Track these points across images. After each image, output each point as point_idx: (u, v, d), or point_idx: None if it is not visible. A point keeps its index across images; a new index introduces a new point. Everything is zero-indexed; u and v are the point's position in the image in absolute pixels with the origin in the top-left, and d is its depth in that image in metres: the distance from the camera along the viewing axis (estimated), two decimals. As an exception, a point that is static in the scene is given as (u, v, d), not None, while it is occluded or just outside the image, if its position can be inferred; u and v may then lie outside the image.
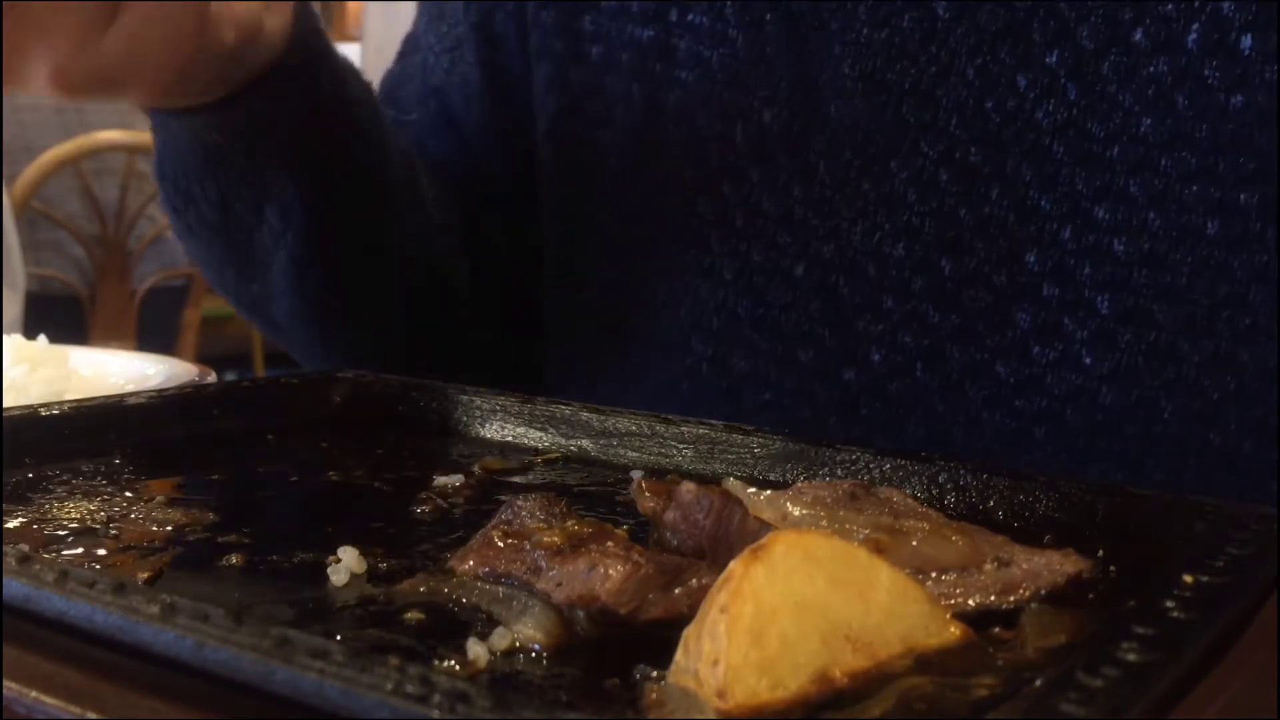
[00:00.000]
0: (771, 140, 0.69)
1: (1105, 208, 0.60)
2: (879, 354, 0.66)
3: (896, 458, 0.58)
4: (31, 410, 0.62)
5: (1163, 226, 0.59)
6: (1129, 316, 0.60)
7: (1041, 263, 0.61)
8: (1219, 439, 0.60)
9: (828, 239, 0.67)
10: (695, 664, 0.35)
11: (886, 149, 0.66)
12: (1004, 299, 0.63)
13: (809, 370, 0.69)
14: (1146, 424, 0.60)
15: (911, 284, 0.65)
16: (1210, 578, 0.40)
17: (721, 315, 0.71)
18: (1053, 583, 0.44)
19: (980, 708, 0.35)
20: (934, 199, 0.64)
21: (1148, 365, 0.60)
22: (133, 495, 0.56)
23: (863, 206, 0.67)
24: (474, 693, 0.31)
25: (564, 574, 0.43)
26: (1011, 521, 0.53)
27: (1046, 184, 0.61)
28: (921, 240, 0.65)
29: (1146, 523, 0.50)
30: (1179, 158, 0.59)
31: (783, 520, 0.48)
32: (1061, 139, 0.61)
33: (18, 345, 0.88)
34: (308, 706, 0.32)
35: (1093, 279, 0.60)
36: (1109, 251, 0.60)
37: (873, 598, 0.38)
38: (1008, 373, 0.63)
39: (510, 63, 0.83)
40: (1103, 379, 0.60)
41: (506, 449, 0.67)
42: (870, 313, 0.66)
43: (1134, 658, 0.33)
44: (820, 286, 0.68)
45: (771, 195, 0.69)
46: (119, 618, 0.36)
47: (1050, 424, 0.62)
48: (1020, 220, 0.62)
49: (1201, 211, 0.59)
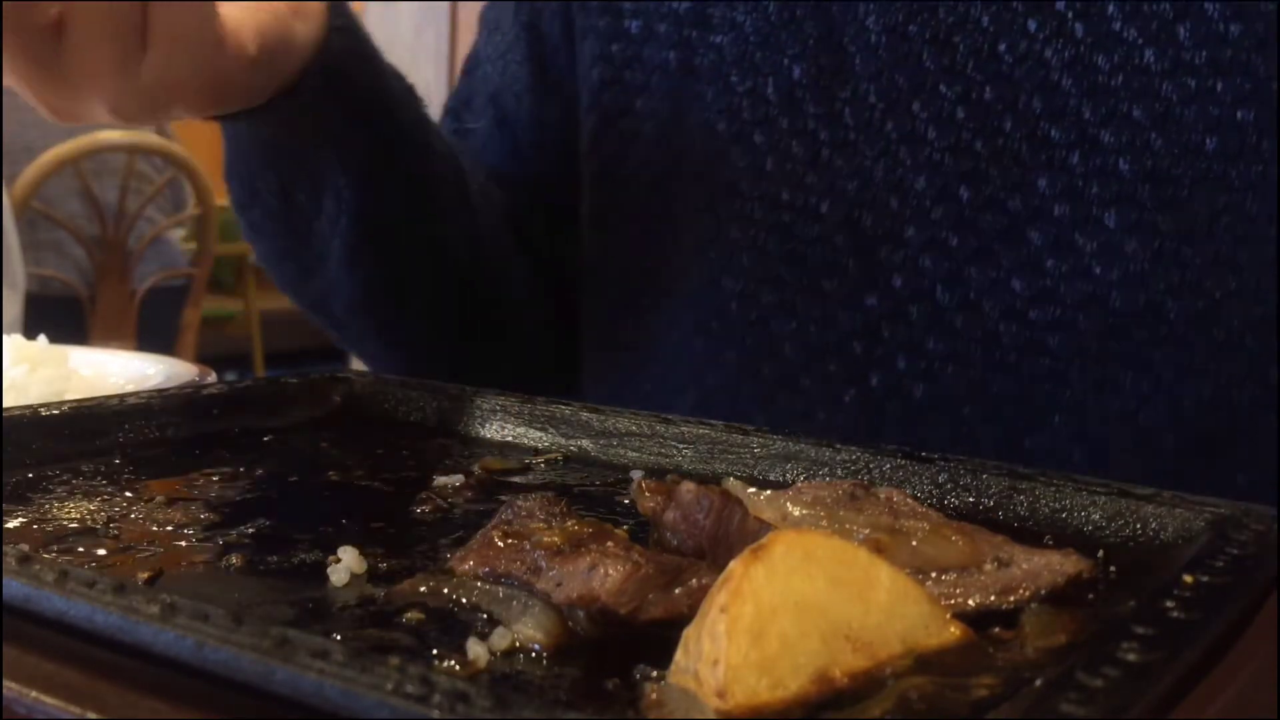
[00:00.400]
0: (801, 92, 0.74)
1: (1110, 132, 0.65)
2: (900, 279, 0.71)
3: (896, 457, 0.58)
4: (31, 410, 0.62)
5: (1164, 146, 0.64)
6: (1135, 228, 0.65)
7: (1052, 186, 0.67)
8: (1222, 335, 0.65)
9: (852, 177, 0.72)
10: (695, 664, 0.35)
11: (908, 93, 0.71)
12: (1018, 221, 0.68)
13: (834, 298, 0.73)
14: (1154, 325, 0.65)
15: (932, 213, 0.70)
16: (1210, 578, 0.40)
17: (751, 253, 0.76)
18: (1053, 583, 0.44)
19: (980, 708, 0.35)
20: (951, 135, 0.70)
21: (1153, 271, 0.65)
22: (133, 495, 0.56)
23: (885, 146, 0.72)
24: (474, 693, 0.31)
25: (564, 574, 0.43)
26: (1011, 521, 0.53)
27: (1055, 115, 0.67)
28: (941, 172, 0.70)
29: (1146, 523, 0.50)
30: (1180, 83, 0.65)
31: (783, 520, 0.48)
32: (1070, 74, 0.67)
33: (18, 345, 0.88)
34: (308, 706, 0.32)
35: (1100, 197, 0.66)
36: (1115, 171, 0.65)
37: (873, 597, 0.38)
38: (1022, 286, 0.67)
39: (556, 57, 0.87)
40: (1112, 285, 0.65)
41: (506, 449, 0.67)
42: (892, 242, 0.71)
43: (1134, 658, 0.33)
44: (845, 220, 0.72)
45: (800, 141, 0.74)
46: (119, 618, 0.36)
47: (1063, 331, 0.66)
48: (1032, 149, 0.68)
49: (1201, 130, 0.64)
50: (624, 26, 0.83)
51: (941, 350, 0.70)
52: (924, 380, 0.71)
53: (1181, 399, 0.66)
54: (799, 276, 0.74)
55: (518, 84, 0.90)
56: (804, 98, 0.75)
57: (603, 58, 0.84)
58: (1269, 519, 0.47)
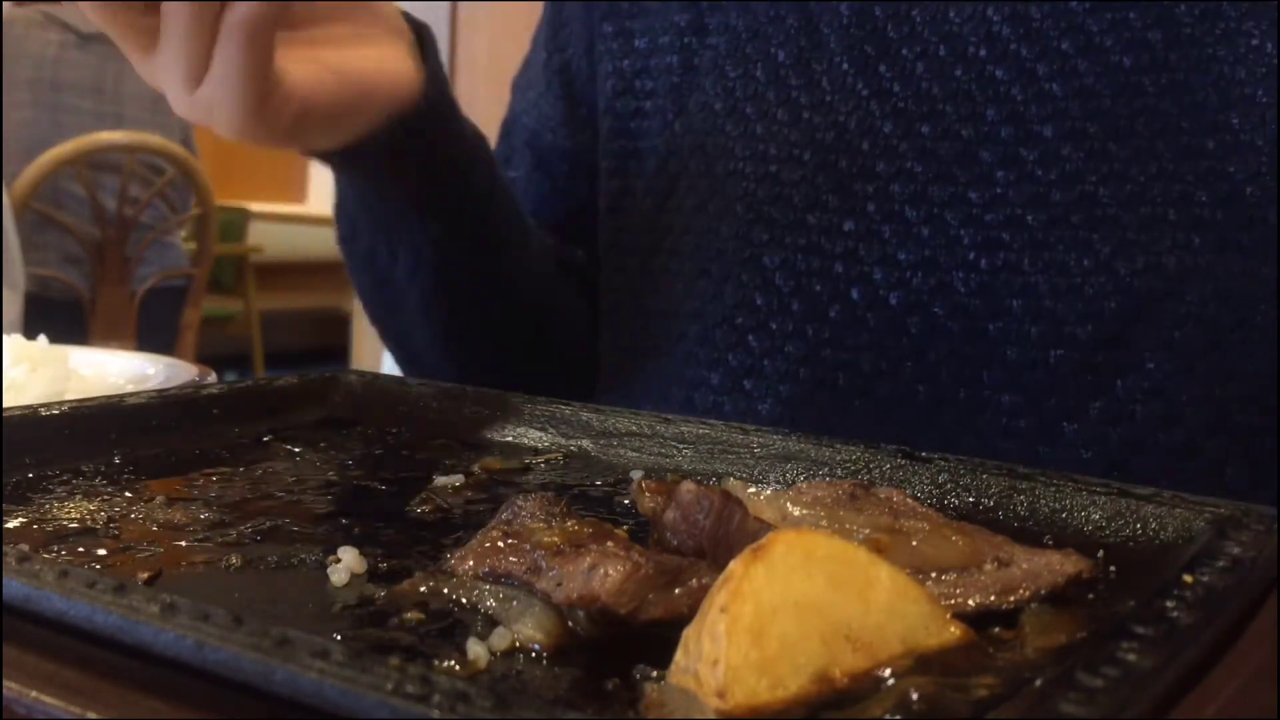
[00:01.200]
0: (785, 71, 0.88)
1: (1044, 65, 0.79)
2: (873, 205, 0.83)
3: (896, 457, 0.58)
4: (31, 410, 0.62)
5: (1089, 67, 0.78)
6: (1068, 135, 0.78)
7: (998, 113, 0.80)
8: (1148, 211, 0.76)
9: (829, 129, 0.85)
10: (695, 664, 0.35)
11: (875, 58, 0.85)
12: (971, 144, 0.81)
13: (816, 229, 0.85)
14: (1090, 209, 0.77)
15: (899, 148, 0.83)
16: (1210, 578, 0.40)
17: (744, 201, 0.88)
18: (1053, 583, 0.44)
19: (980, 708, 0.35)
20: (913, 86, 0.83)
21: (1086, 167, 0.78)
22: (133, 495, 0.56)
23: (857, 102, 0.85)
24: (474, 693, 0.31)
25: (564, 574, 0.43)
26: (1011, 521, 0.53)
27: (998, 58, 0.81)
28: (905, 116, 0.83)
29: (1146, 523, 0.50)
30: (1100, 17, 0.79)
31: (783, 520, 0.48)
32: (1009, 24, 0.81)
33: (18, 345, 0.88)
34: (308, 706, 0.32)
35: (1038, 115, 0.79)
36: (1050, 95, 0.79)
37: (873, 598, 0.38)
38: (978, 197, 0.80)
39: (585, 91, 1.00)
40: (1052, 184, 0.78)
41: (506, 449, 0.67)
42: (864, 176, 0.84)
43: (1134, 658, 0.33)
44: (823, 163, 0.85)
45: (785, 108, 0.88)
46: (119, 618, 0.36)
47: (1014, 228, 0.79)
48: (980, 87, 0.81)
49: (1119, 52, 0.78)
50: (633, 45, 0.97)
51: (911, 260, 0.82)
52: (898, 288, 0.82)
53: (1118, 270, 0.76)
54: (785, 214, 0.87)
55: (551, 120, 1.02)
56: (787, 75, 0.88)
57: (615, 73, 0.97)
58: (1269, 519, 0.47)
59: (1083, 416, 0.77)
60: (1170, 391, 0.76)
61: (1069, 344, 0.77)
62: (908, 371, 0.81)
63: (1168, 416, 0.76)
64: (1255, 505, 0.48)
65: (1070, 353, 0.77)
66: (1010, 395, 0.78)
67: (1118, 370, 0.76)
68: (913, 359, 0.81)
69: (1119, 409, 0.77)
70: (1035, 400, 0.77)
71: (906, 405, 0.81)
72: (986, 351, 0.79)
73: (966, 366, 0.79)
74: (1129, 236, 0.76)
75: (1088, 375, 0.77)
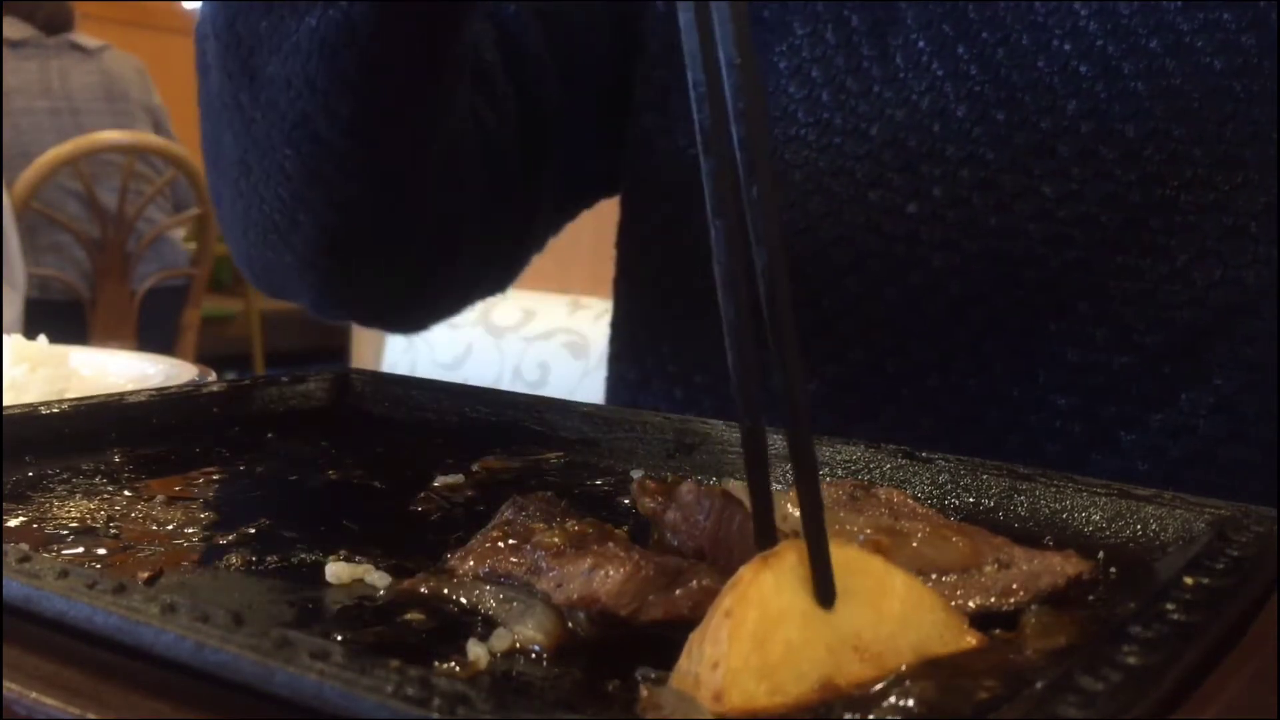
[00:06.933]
0: (858, 38, 0.84)
1: (1130, 63, 0.76)
2: (939, 189, 0.79)
3: (897, 458, 0.58)
4: (31, 410, 0.62)
5: (1177, 67, 0.74)
6: (1150, 136, 0.74)
7: (1080, 108, 0.76)
8: (1230, 221, 0.73)
9: (900, 106, 0.81)
10: (697, 667, 0.35)
11: (954, 39, 0.81)
12: (1048, 137, 0.77)
13: (878, 207, 0.81)
14: (1168, 215, 0.73)
15: (971, 133, 0.79)
16: (1210, 579, 0.40)
17: (803, 169, 0.84)
18: (1053, 584, 0.44)
19: (980, 709, 0.35)
20: (991, 70, 0.79)
21: (1168, 170, 0.74)
22: (133, 495, 0.56)
23: (931, 82, 0.81)
24: (474, 694, 0.30)
25: (564, 575, 0.43)
26: (1011, 522, 0.53)
27: (1083, 54, 0.77)
28: (981, 101, 0.79)
29: (1147, 524, 0.50)
30: (1191, 16, 0.75)
31: (783, 520, 0.48)
32: (1096, 19, 0.77)
33: (18, 345, 0.88)
34: (308, 708, 0.32)
35: (1121, 113, 0.75)
36: (1134, 93, 0.75)
37: (885, 607, 0.38)
38: (1051, 192, 0.77)
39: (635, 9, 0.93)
40: (1131, 184, 0.75)
41: (507, 449, 0.67)
42: (933, 159, 0.80)
43: (1134, 660, 0.33)
44: (891, 140, 0.81)
45: (854, 77, 0.84)
46: (119, 618, 0.36)
47: (1087, 226, 0.75)
48: (1063, 80, 0.77)
49: (1209, 53, 0.74)
50: None
51: (976, 249, 0.78)
52: (959, 277, 0.78)
53: (1194, 279, 0.73)
54: (846, 188, 0.82)
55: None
56: (860, 43, 0.84)
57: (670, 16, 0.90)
58: (1269, 519, 0.47)
59: (1141, 427, 0.74)
60: (1237, 408, 0.73)
61: (1135, 351, 0.74)
62: (960, 363, 0.78)
63: (1232, 433, 0.73)
64: (1255, 506, 0.48)
65: (1135, 360, 0.74)
66: (1067, 398, 0.75)
67: (1184, 382, 0.74)
68: (967, 351, 0.78)
69: (1181, 422, 0.74)
70: (1092, 405, 0.75)
71: (955, 397, 0.78)
72: (1046, 350, 0.76)
73: (1023, 363, 0.76)
74: (1208, 245, 0.73)
75: (1152, 385, 0.74)
